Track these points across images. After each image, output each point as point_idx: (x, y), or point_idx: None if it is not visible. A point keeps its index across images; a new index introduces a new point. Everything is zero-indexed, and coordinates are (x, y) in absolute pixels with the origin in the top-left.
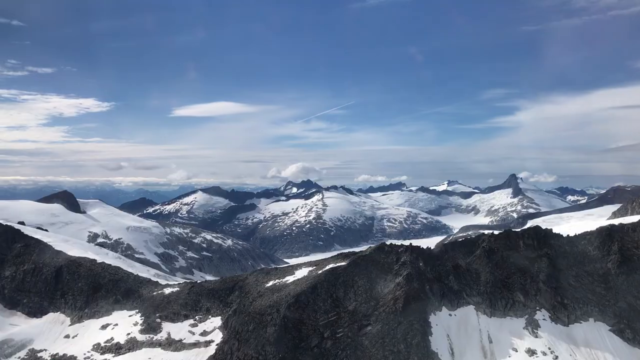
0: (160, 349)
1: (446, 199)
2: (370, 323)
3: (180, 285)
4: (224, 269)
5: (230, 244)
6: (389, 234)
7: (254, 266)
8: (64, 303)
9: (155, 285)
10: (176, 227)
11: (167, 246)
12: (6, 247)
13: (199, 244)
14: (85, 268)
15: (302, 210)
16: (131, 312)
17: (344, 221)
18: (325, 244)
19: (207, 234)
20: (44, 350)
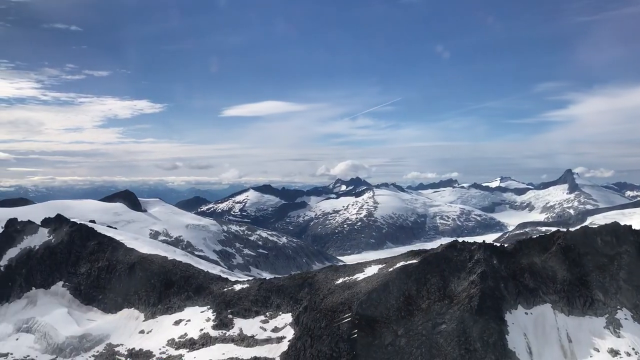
0: (233, 344)
1: (499, 195)
2: (444, 321)
3: (250, 282)
4: (279, 266)
5: (285, 242)
6: (442, 232)
7: (308, 264)
8: (138, 299)
9: (225, 281)
10: (232, 225)
11: (224, 243)
12: (81, 244)
13: (255, 242)
14: (157, 265)
15: (352, 207)
16: (203, 308)
17: (396, 219)
18: (377, 241)
19: (263, 232)
20: (120, 345)
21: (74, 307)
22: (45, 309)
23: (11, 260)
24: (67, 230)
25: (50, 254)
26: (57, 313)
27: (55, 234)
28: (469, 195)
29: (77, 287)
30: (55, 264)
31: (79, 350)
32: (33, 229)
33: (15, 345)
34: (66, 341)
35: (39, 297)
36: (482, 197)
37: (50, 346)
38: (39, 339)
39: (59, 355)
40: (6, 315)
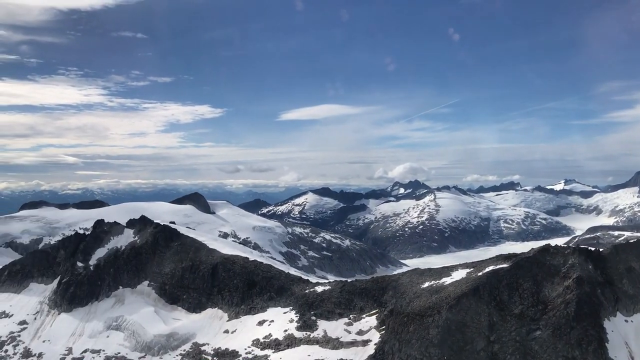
0: (318, 346)
1: (565, 198)
2: (539, 327)
3: (331, 284)
4: (343, 268)
5: (349, 244)
6: (506, 236)
7: (372, 267)
8: (221, 299)
9: (307, 283)
10: (297, 227)
11: (289, 245)
12: (164, 245)
13: (319, 244)
14: (239, 266)
15: (413, 211)
16: (285, 309)
17: (458, 222)
18: (440, 245)
19: (326, 234)
20: (206, 344)
21: (159, 306)
22: (132, 307)
23: (99, 260)
24: (151, 231)
25: (135, 254)
26: (144, 312)
27: (140, 235)
28: (533, 198)
29: (162, 286)
30: (140, 264)
31: (166, 348)
32: (119, 230)
33: (106, 343)
34: (154, 339)
35: (126, 296)
36: (547, 201)
37: (139, 344)
38: (128, 336)
39: (147, 353)
40: (96, 313)
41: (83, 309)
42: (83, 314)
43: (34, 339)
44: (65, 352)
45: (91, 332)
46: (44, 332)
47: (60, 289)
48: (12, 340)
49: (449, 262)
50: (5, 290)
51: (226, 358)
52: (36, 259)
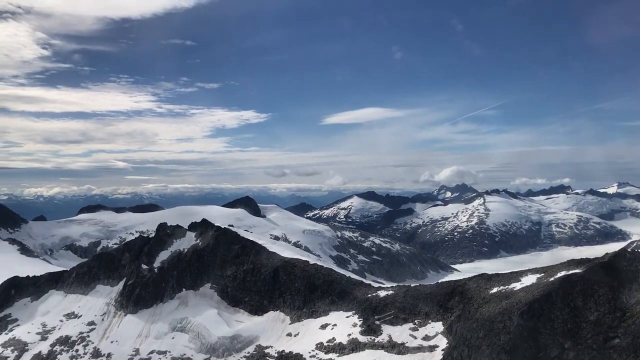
0: (384, 351)
1: (619, 202)
2: (618, 335)
3: (394, 289)
4: (394, 273)
5: (399, 248)
6: (558, 240)
7: (423, 272)
8: (283, 302)
9: (368, 287)
10: (346, 231)
11: (339, 249)
12: (225, 248)
13: (368, 248)
14: (299, 269)
15: (462, 215)
16: (348, 313)
17: (509, 226)
18: (490, 250)
19: (376, 238)
20: (270, 347)
21: (222, 308)
22: (196, 309)
23: (163, 263)
24: (212, 234)
25: (198, 257)
26: (207, 314)
27: (201, 238)
28: (585, 202)
29: (224, 289)
30: (202, 267)
31: (230, 350)
32: (181, 233)
33: (172, 344)
34: (218, 341)
35: (189, 298)
36: (600, 204)
37: (204, 346)
38: (192, 338)
39: (212, 354)
40: (161, 315)
41: (148, 310)
42: (148, 316)
43: (102, 339)
44: (133, 352)
45: (157, 334)
46: (112, 332)
47: (125, 290)
48: (82, 341)
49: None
50: (74, 291)
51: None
52: (102, 261)
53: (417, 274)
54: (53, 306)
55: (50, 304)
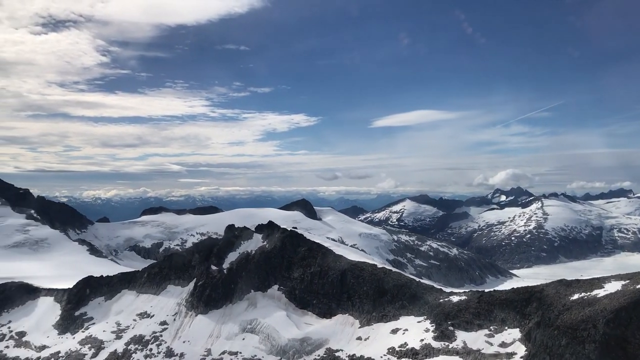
0: (459, 357)
1: None
2: None
3: (467, 294)
4: (452, 278)
5: (456, 253)
6: (621, 246)
7: (482, 277)
8: (351, 305)
9: (440, 292)
10: (402, 235)
11: (396, 253)
12: (292, 250)
13: (426, 252)
14: (368, 272)
15: (519, 219)
16: (419, 318)
17: (569, 231)
18: (549, 255)
19: (433, 242)
20: (340, 350)
21: (290, 310)
22: (265, 311)
23: (232, 264)
24: (279, 236)
25: (265, 259)
26: (277, 316)
27: (268, 240)
28: None
29: (291, 291)
30: (270, 268)
31: (300, 353)
32: (249, 235)
33: (243, 345)
34: (288, 343)
35: (257, 299)
36: None
37: (274, 347)
38: (263, 339)
39: (282, 357)
40: (231, 316)
41: (218, 311)
42: (218, 316)
43: (175, 339)
44: (205, 353)
45: (227, 334)
46: (184, 332)
47: (196, 291)
48: (155, 340)
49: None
50: (145, 291)
51: None
52: (172, 262)
53: (475, 279)
54: (126, 305)
55: (124, 303)
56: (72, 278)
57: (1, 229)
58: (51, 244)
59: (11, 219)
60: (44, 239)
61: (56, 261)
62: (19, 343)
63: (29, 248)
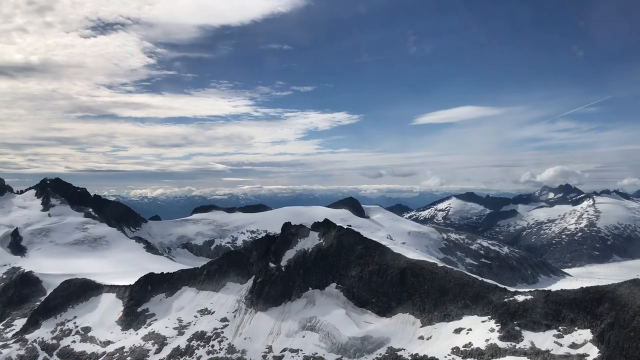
0: (526, 358)
1: None
2: None
3: (533, 293)
4: (504, 277)
5: (507, 252)
6: None
7: (534, 276)
8: (412, 304)
9: (504, 291)
10: (452, 233)
11: (446, 251)
12: (349, 248)
13: (476, 251)
14: (428, 271)
15: (570, 217)
16: (483, 317)
17: (622, 229)
18: (602, 254)
19: (483, 241)
20: (402, 349)
21: (349, 308)
22: (324, 309)
23: (289, 261)
24: (335, 234)
25: (322, 257)
26: (336, 314)
27: (324, 238)
28: None
29: (349, 289)
30: (327, 266)
31: (362, 351)
32: (305, 233)
33: (303, 343)
34: (349, 342)
35: (316, 297)
36: None
37: (334, 346)
38: (323, 337)
39: (344, 355)
40: (290, 313)
41: (277, 308)
42: (278, 314)
43: (236, 335)
44: (266, 350)
45: (287, 332)
46: (244, 329)
47: (255, 288)
48: (217, 336)
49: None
50: (205, 288)
51: None
52: (231, 260)
53: (527, 278)
54: (187, 302)
55: (184, 300)
56: (132, 275)
57: (61, 227)
58: (109, 242)
59: (70, 217)
60: (102, 236)
61: (115, 258)
62: (84, 338)
63: (88, 245)
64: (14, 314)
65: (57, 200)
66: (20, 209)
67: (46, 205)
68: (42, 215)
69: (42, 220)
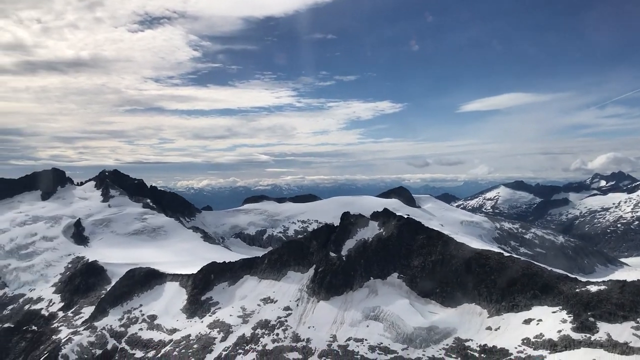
0: (603, 350)
1: None
2: None
3: (607, 283)
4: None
5: (563, 241)
6: None
7: (590, 265)
8: (478, 295)
9: (575, 281)
10: (505, 222)
11: (499, 241)
12: (410, 238)
13: (530, 240)
14: (494, 261)
15: (625, 205)
16: (554, 308)
17: None
18: None
19: (537, 230)
20: (469, 340)
21: (412, 298)
22: (387, 299)
23: (350, 251)
24: (395, 223)
25: (383, 246)
26: (399, 304)
27: (384, 227)
28: None
29: (412, 279)
30: (388, 256)
31: (428, 342)
32: (364, 222)
33: (368, 332)
34: (414, 332)
35: (378, 287)
36: None
37: (399, 336)
38: (387, 327)
39: (409, 345)
40: (353, 303)
41: (339, 297)
42: (340, 303)
43: (300, 324)
44: (330, 339)
45: (351, 321)
46: (307, 318)
47: (317, 277)
48: (281, 325)
49: None
50: (267, 277)
51: (495, 356)
52: (291, 249)
53: (584, 268)
54: (249, 291)
55: (247, 288)
56: (192, 264)
57: (121, 217)
58: (167, 231)
59: (129, 208)
60: (161, 226)
61: (174, 248)
62: (151, 326)
63: (148, 235)
64: (82, 302)
65: (116, 192)
66: (81, 200)
67: (106, 197)
68: (102, 206)
69: (102, 211)
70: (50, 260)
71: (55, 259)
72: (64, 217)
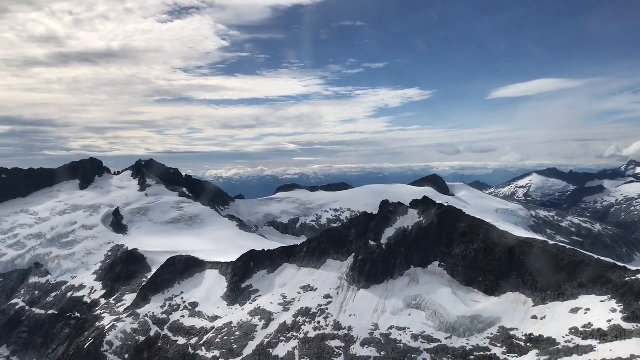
0: None
1: None
2: None
3: None
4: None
5: (600, 229)
6: None
7: (629, 254)
8: (522, 283)
9: (624, 270)
10: (540, 210)
11: (535, 229)
12: (450, 226)
13: (567, 228)
14: (538, 249)
15: None
16: (602, 297)
17: None
18: None
19: (574, 218)
20: (515, 329)
21: (454, 287)
22: (428, 287)
23: (389, 239)
24: (436, 212)
25: (423, 235)
26: (441, 292)
27: (424, 216)
28: None
29: (453, 267)
30: (428, 244)
31: (472, 331)
32: (404, 210)
33: (410, 321)
34: (458, 321)
35: (419, 275)
36: None
37: (442, 324)
38: (430, 316)
39: (453, 334)
40: (394, 291)
41: (380, 286)
42: (381, 291)
43: (340, 312)
44: (372, 327)
45: (392, 310)
46: (348, 306)
47: (357, 266)
48: (322, 313)
49: None
50: (306, 265)
51: (542, 345)
52: (330, 237)
53: (622, 256)
54: (289, 279)
55: (286, 276)
56: (229, 252)
57: (158, 206)
58: (204, 220)
59: (166, 197)
60: (197, 215)
61: (211, 236)
62: (192, 313)
63: (185, 224)
64: (123, 290)
65: (152, 181)
66: (119, 189)
67: (142, 186)
68: (139, 195)
69: (139, 199)
70: (90, 249)
71: (95, 247)
72: (102, 206)
